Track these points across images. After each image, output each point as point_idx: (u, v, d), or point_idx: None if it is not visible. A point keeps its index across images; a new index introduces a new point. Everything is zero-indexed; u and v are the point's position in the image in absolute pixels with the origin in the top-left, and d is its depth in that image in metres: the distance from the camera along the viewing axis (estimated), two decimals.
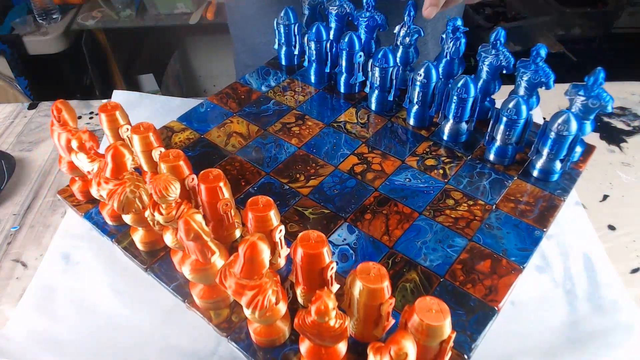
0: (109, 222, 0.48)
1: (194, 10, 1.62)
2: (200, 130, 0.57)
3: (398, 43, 0.59)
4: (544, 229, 0.46)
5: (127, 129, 0.46)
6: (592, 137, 0.67)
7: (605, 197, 0.58)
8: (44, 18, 1.56)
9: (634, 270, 0.50)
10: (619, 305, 0.46)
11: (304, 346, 0.35)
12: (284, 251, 0.41)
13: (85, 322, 0.45)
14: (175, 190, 0.36)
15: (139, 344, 0.44)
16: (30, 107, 0.75)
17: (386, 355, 0.28)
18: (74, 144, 0.41)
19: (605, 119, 0.70)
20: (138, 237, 0.45)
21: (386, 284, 0.32)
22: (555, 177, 0.51)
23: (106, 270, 0.49)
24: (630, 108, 0.72)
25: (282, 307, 0.35)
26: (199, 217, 0.34)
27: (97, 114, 0.74)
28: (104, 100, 0.76)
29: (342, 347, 0.35)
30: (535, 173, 0.51)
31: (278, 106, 0.61)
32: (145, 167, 0.45)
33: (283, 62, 0.68)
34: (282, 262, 0.43)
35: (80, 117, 0.73)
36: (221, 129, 0.57)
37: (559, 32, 1.86)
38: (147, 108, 0.73)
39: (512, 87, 0.54)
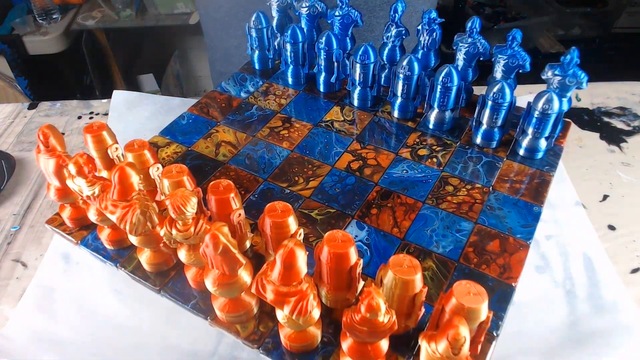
0: (108, 246, 0.45)
1: (194, 10, 1.62)
2: (186, 142, 0.56)
3: (385, 40, 0.60)
4: (541, 205, 0.48)
5: (117, 149, 0.43)
6: (592, 137, 0.67)
7: (605, 197, 0.58)
8: (44, 18, 1.56)
9: (634, 270, 0.50)
10: (619, 305, 0.46)
11: (346, 344, 0.35)
12: None
13: (85, 322, 0.45)
14: (194, 205, 0.35)
15: (139, 344, 0.44)
16: (30, 107, 0.75)
17: (442, 341, 0.29)
18: (72, 169, 0.39)
19: (605, 119, 0.70)
20: (145, 258, 0.42)
21: (420, 275, 0.33)
22: (540, 154, 0.53)
23: (106, 270, 0.49)
24: (630, 108, 0.72)
25: (317, 311, 0.35)
26: (226, 230, 0.34)
27: (97, 114, 0.74)
28: (104, 100, 0.76)
29: (385, 341, 0.35)
30: (521, 152, 0.54)
31: (261, 111, 0.60)
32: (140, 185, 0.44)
33: (257, 67, 0.67)
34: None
35: (80, 117, 0.73)
36: (208, 139, 0.56)
37: (559, 32, 1.86)
38: (147, 108, 0.73)
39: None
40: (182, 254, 0.39)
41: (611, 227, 0.55)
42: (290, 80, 0.65)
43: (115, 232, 0.44)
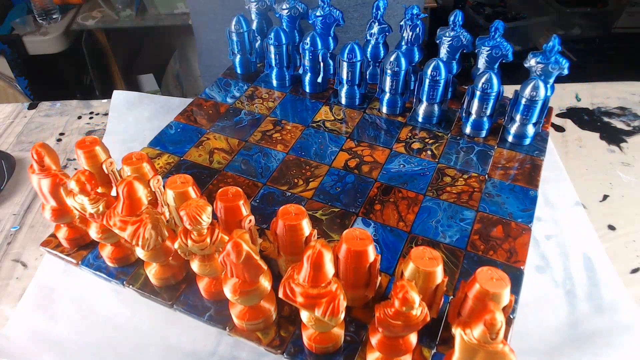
0: (111, 264, 0.44)
1: None
2: (178, 152, 0.55)
3: (369, 37, 0.61)
4: (536, 188, 0.50)
5: (111, 163, 0.42)
6: (592, 137, 0.67)
7: (605, 197, 0.58)
8: (44, 18, 1.56)
9: (634, 270, 0.50)
10: (619, 305, 0.46)
11: (375, 339, 0.34)
12: None
13: (86, 322, 0.45)
14: (209, 214, 0.34)
15: (139, 344, 0.44)
16: (30, 107, 0.75)
17: (478, 327, 0.28)
18: (75, 187, 0.37)
19: (605, 119, 0.70)
20: (153, 273, 0.41)
21: (441, 266, 0.33)
22: (528, 140, 0.55)
23: None
24: (630, 108, 0.72)
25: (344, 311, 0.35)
26: (247, 237, 0.33)
27: (97, 114, 0.74)
28: (104, 100, 0.76)
29: (414, 334, 0.35)
30: (510, 139, 0.55)
31: (251, 115, 0.60)
32: None
33: (239, 71, 0.67)
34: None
35: (80, 117, 0.73)
36: (200, 147, 0.55)
37: (559, 32, 1.86)
38: (147, 108, 0.73)
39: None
40: (196, 265, 0.38)
41: (611, 227, 0.55)
42: (274, 82, 0.65)
43: (118, 249, 0.43)
